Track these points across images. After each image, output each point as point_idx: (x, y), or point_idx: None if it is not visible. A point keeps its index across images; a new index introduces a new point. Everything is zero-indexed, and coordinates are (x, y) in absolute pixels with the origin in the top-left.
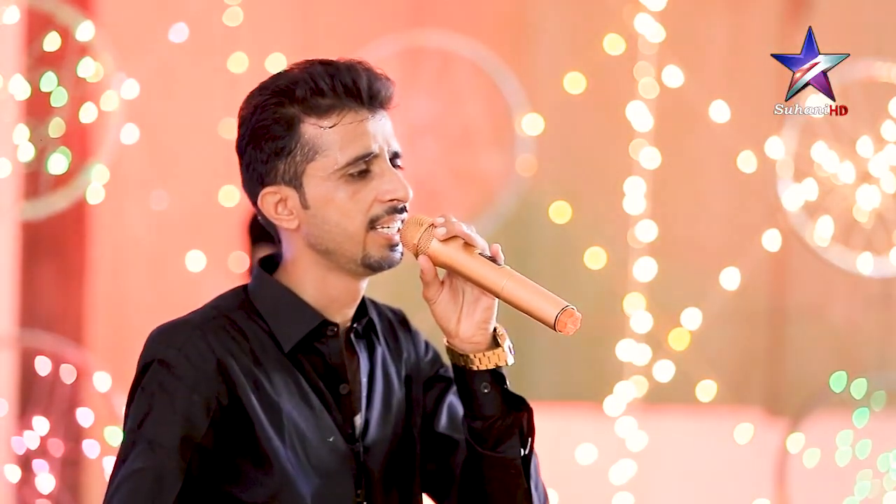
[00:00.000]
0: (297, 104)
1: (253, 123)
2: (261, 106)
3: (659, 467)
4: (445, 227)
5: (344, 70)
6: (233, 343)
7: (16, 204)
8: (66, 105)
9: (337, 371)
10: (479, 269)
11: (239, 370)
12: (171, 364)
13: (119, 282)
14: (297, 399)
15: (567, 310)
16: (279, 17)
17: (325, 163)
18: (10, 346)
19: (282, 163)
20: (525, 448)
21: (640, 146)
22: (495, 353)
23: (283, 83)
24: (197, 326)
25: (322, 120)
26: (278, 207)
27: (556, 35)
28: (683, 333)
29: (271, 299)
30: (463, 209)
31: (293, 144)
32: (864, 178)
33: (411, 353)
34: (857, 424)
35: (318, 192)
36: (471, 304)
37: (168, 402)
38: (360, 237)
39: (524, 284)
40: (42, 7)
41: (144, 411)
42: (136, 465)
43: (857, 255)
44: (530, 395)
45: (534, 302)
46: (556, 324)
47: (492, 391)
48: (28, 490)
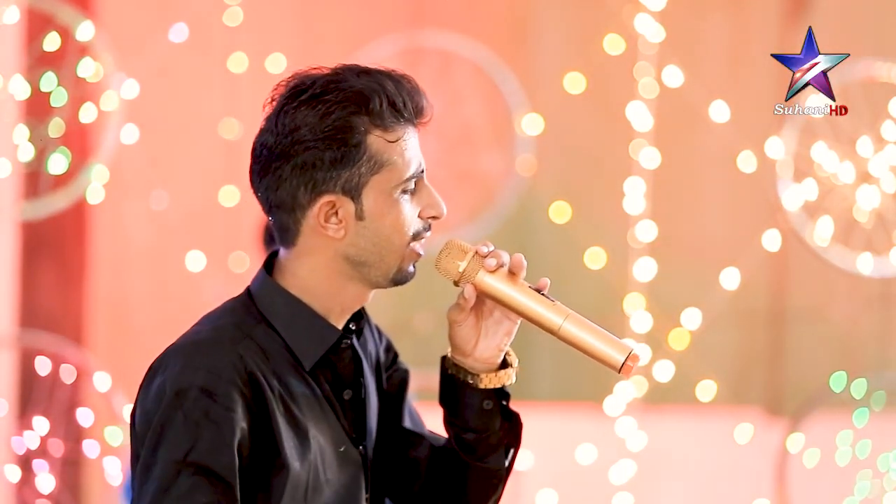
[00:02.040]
0: (368, 115)
1: (317, 128)
2: (331, 111)
3: (659, 467)
4: (495, 259)
5: (411, 89)
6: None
7: (16, 204)
8: (66, 105)
9: (343, 378)
10: (534, 305)
11: (269, 390)
12: (212, 391)
13: (119, 282)
14: (317, 413)
15: (633, 355)
16: (279, 17)
17: (389, 176)
18: (10, 346)
19: (346, 171)
20: (508, 459)
21: (640, 146)
22: (504, 374)
23: (353, 91)
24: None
25: (388, 134)
26: (330, 216)
27: (556, 35)
28: (683, 333)
29: (286, 314)
30: (463, 209)
31: (360, 155)
32: (864, 178)
33: (373, 342)
34: (857, 424)
35: (376, 205)
36: (492, 326)
37: (216, 431)
38: (402, 252)
39: (584, 325)
40: (42, 7)
41: (192, 441)
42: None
43: (857, 255)
44: (530, 395)
45: (598, 345)
46: (622, 369)
47: (494, 408)
48: (28, 490)
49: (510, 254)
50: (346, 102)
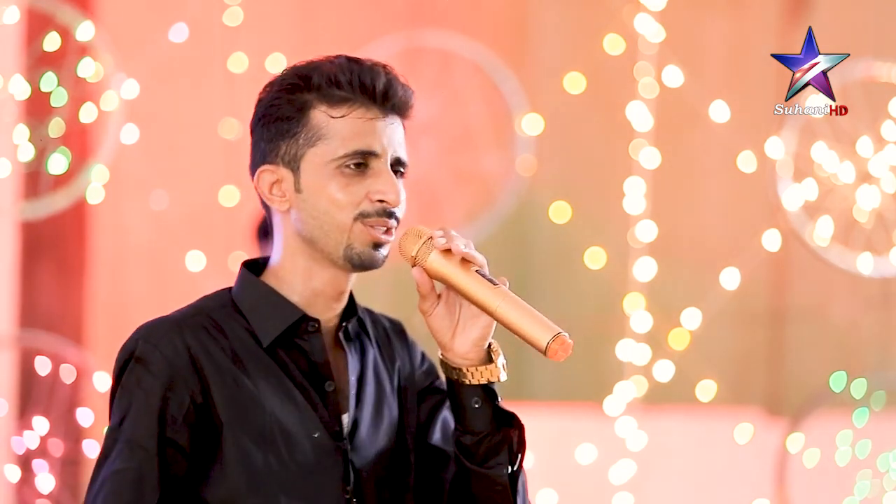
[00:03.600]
0: (312, 91)
1: (266, 103)
2: (277, 87)
3: (659, 467)
4: (445, 240)
5: (366, 68)
6: (211, 341)
7: (16, 204)
8: (66, 105)
9: (321, 368)
10: (474, 286)
11: (214, 368)
12: (146, 360)
13: (119, 282)
14: (280, 396)
15: (559, 336)
16: (279, 17)
17: (325, 150)
18: (10, 346)
19: (284, 143)
20: (514, 465)
21: (640, 146)
22: (487, 369)
23: (304, 70)
24: (175, 323)
25: (332, 109)
26: (273, 188)
27: (556, 35)
28: (683, 333)
29: (253, 297)
30: (463, 209)
31: (299, 128)
32: (864, 178)
33: (406, 362)
34: (857, 424)
35: (312, 179)
36: (468, 319)
37: (144, 401)
38: (347, 228)
39: (519, 307)
40: (42, 7)
41: (124, 410)
42: (116, 466)
43: (857, 255)
44: (530, 395)
45: (527, 325)
46: (548, 350)
47: (483, 406)
48: (28, 490)
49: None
50: (291, 79)
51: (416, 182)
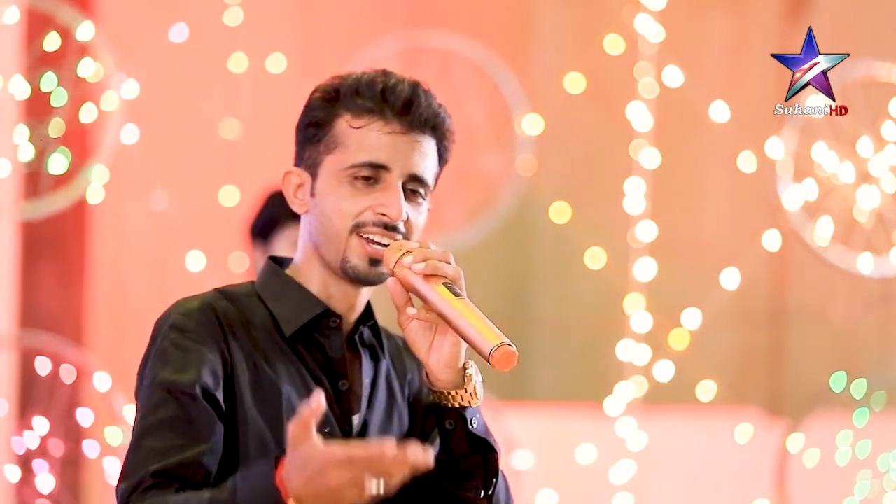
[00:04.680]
0: (341, 99)
1: (306, 107)
2: (318, 93)
3: (659, 467)
4: (415, 255)
5: (394, 81)
6: (236, 323)
7: (16, 204)
8: (66, 105)
9: (337, 366)
10: (435, 296)
11: (239, 349)
12: (182, 327)
13: (119, 282)
14: (297, 385)
15: (503, 346)
16: (279, 17)
17: (340, 158)
18: (10, 346)
19: (309, 148)
20: (488, 490)
21: (640, 146)
22: (458, 394)
23: (341, 78)
24: (207, 302)
25: (355, 120)
26: (297, 191)
27: (556, 35)
28: (683, 333)
29: (278, 288)
30: (463, 209)
31: (323, 134)
32: (864, 178)
33: (415, 376)
34: (857, 424)
35: (325, 185)
36: (440, 337)
37: (183, 356)
38: (343, 238)
39: (472, 316)
40: (42, 7)
41: (162, 365)
42: (163, 415)
43: (857, 255)
44: (530, 395)
45: (475, 333)
46: (491, 357)
47: (457, 429)
48: (28, 490)
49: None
50: (329, 86)
51: None
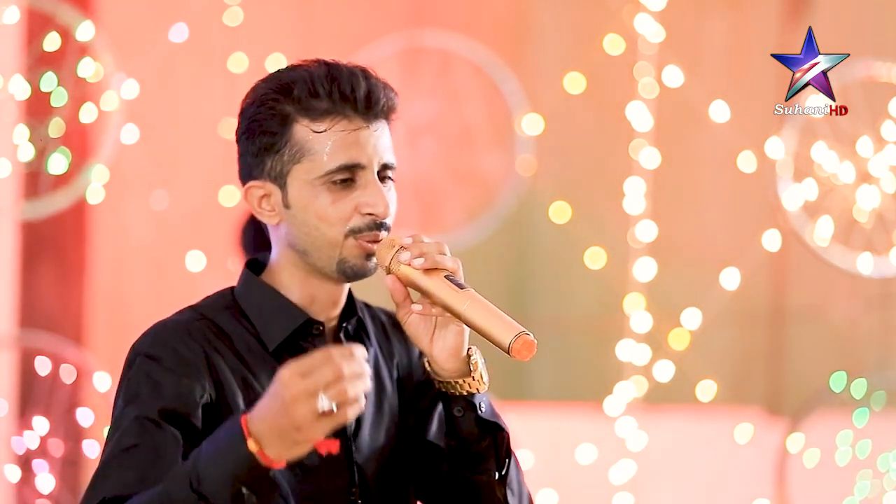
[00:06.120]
0: (293, 103)
1: (250, 116)
2: (259, 99)
3: (659, 467)
4: (411, 250)
5: (345, 76)
6: (219, 343)
7: (16, 204)
8: (66, 105)
9: None
10: (440, 290)
11: (227, 367)
12: (158, 357)
13: (119, 282)
14: None
15: (522, 335)
16: (279, 17)
17: (310, 166)
18: (10, 346)
19: (270, 159)
20: (501, 470)
21: (640, 146)
22: (466, 382)
23: (284, 80)
24: (183, 326)
25: (315, 123)
26: (262, 202)
27: (556, 35)
28: (683, 333)
29: (257, 300)
30: (463, 209)
31: (283, 143)
32: (864, 178)
33: (403, 356)
34: (857, 424)
35: (299, 195)
36: (441, 328)
37: (154, 387)
38: (338, 244)
39: (485, 308)
40: (42, 7)
41: (132, 395)
42: (126, 443)
43: (857, 255)
44: (530, 395)
45: (491, 325)
46: (511, 349)
47: (466, 415)
48: (28, 490)
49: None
50: (272, 91)
51: (416, 182)
